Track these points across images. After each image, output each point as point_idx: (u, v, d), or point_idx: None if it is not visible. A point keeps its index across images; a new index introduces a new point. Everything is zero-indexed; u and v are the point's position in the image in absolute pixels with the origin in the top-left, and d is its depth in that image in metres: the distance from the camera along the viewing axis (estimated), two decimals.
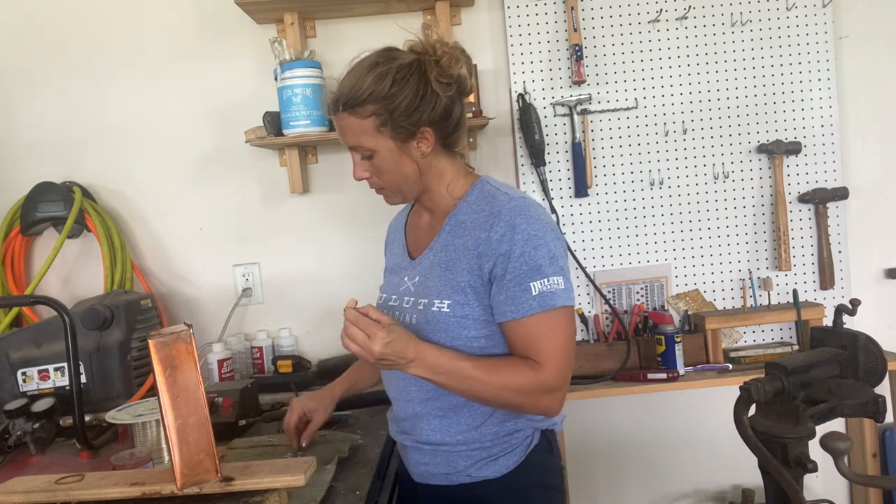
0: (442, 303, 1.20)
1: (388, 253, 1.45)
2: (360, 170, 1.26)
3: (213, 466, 1.08)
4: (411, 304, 1.25)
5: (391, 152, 1.21)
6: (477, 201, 1.25)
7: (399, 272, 1.34)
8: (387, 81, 1.18)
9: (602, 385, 1.98)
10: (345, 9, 2.08)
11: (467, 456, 1.24)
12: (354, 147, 1.23)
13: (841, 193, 2.15)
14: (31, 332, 1.77)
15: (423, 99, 1.19)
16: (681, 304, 2.19)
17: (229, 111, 2.15)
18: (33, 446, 1.49)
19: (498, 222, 1.17)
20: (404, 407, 1.30)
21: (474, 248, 1.19)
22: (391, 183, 1.26)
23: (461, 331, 1.19)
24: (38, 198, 2.06)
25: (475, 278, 1.19)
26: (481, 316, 1.20)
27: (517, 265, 1.15)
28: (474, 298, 1.19)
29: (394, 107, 1.18)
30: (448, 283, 1.21)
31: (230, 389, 1.56)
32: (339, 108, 1.21)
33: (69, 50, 2.14)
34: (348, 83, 1.20)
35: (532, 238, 1.16)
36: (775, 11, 2.13)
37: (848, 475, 1.06)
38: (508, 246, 1.15)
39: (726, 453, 2.22)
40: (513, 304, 1.16)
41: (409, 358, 1.11)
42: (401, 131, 1.19)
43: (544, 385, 1.15)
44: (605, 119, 2.15)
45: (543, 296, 1.14)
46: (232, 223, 2.19)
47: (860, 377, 1.19)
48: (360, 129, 1.20)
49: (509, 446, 1.24)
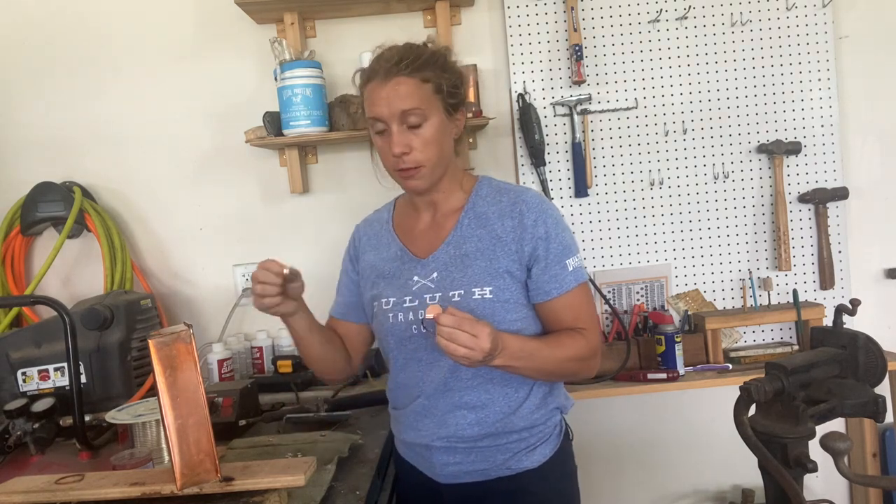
0: (483, 290, 1.23)
1: (371, 260, 1.38)
2: (401, 141, 1.22)
3: (213, 466, 1.08)
4: (438, 299, 1.24)
5: (440, 122, 1.24)
6: (490, 195, 1.31)
7: (401, 275, 1.31)
8: (440, 54, 1.26)
9: (602, 385, 1.98)
10: (345, 9, 2.08)
11: (506, 449, 1.27)
12: (410, 111, 1.20)
13: (841, 193, 2.15)
14: (31, 332, 1.76)
15: (462, 80, 1.29)
16: (681, 304, 2.19)
17: (229, 111, 2.15)
18: (33, 446, 1.49)
19: (527, 210, 1.25)
20: (433, 406, 1.27)
21: (509, 234, 1.25)
22: (432, 157, 1.24)
23: (505, 314, 1.23)
24: (38, 198, 2.06)
25: (513, 263, 1.24)
26: (520, 299, 1.26)
27: (555, 246, 1.24)
28: (512, 283, 1.24)
29: (448, 77, 1.24)
30: (485, 270, 1.24)
31: (230, 389, 1.56)
32: (399, 71, 1.20)
33: (69, 50, 2.14)
34: (403, 49, 1.24)
35: (559, 221, 1.27)
36: (775, 11, 2.13)
37: (848, 475, 1.06)
38: (545, 228, 1.24)
39: (726, 453, 2.22)
40: (556, 281, 1.24)
41: (500, 349, 1.13)
42: (451, 103, 1.25)
43: (595, 348, 1.27)
44: (605, 119, 2.15)
45: (577, 271, 1.26)
46: (232, 223, 2.19)
47: (860, 377, 1.19)
48: (420, 92, 1.21)
49: (544, 434, 1.30)
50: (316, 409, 1.64)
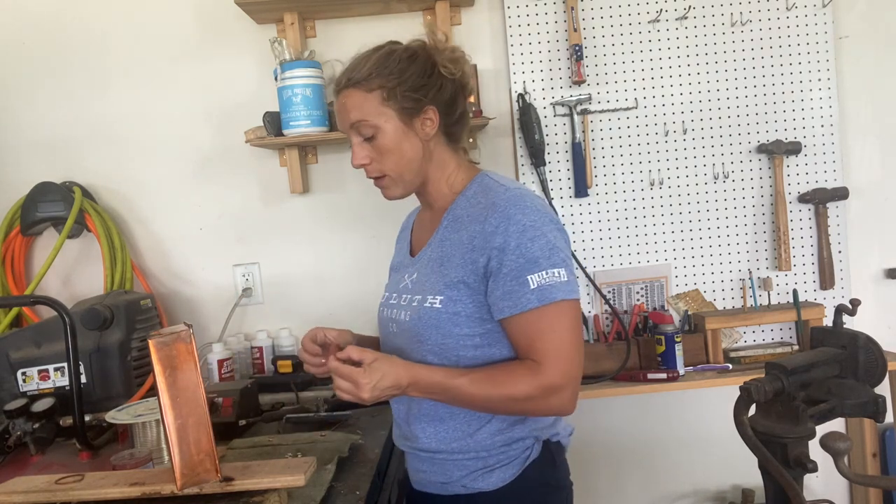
0: (434, 298, 1.17)
1: (395, 252, 1.45)
2: (360, 154, 1.21)
3: (213, 466, 1.08)
4: (407, 302, 1.23)
5: (395, 131, 1.18)
6: (475, 195, 1.21)
7: (401, 270, 1.34)
8: (394, 58, 1.18)
9: (602, 385, 1.98)
10: (345, 9, 2.08)
11: (462, 465, 1.20)
12: (357, 124, 1.19)
13: (841, 193, 2.15)
14: (31, 332, 1.76)
15: (430, 77, 1.19)
16: (681, 304, 2.19)
17: (229, 111, 2.15)
18: (33, 446, 1.49)
19: (492, 214, 1.13)
20: (398, 411, 1.29)
21: (469, 242, 1.15)
22: (393, 166, 1.20)
23: (452, 328, 1.16)
24: (38, 198, 2.06)
25: (468, 273, 1.14)
26: (475, 313, 1.15)
27: (513, 258, 1.10)
28: (467, 295, 1.15)
29: (400, 80, 1.16)
30: (441, 279, 1.17)
31: (230, 389, 1.56)
32: (344, 84, 1.19)
33: (69, 50, 2.14)
34: (354, 62, 1.21)
35: (528, 229, 1.10)
36: (775, 11, 2.13)
37: (848, 475, 1.06)
38: (503, 238, 1.10)
39: (726, 453, 2.22)
40: (510, 298, 1.10)
41: (405, 385, 1.10)
42: (406, 107, 1.17)
43: (548, 386, 1.09)
44: (605, 119, 2.15)
45: (542, 289, 1.09)
46: (232, 223, 2.19)
47: (860, 377, 1.19)
48: (366, 103, 1.17)
49: (506, 458, 1.19)
50: (316, 409, 1.65)
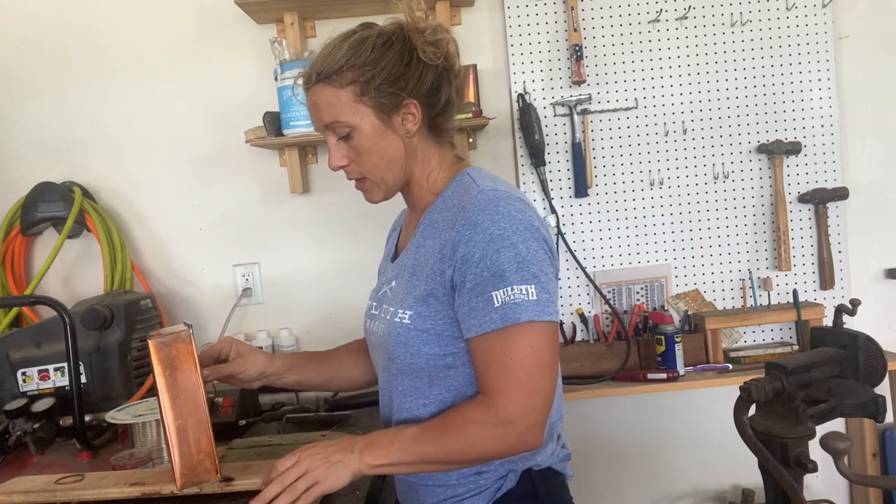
0: (404, 314, 1.06)
1: (384, 252, 1.35)
2: (337, 154, 1.09)
3: (213, 466, 1.08)
4: (383, 313, 1.13)
5: (373, 128, 1.06)
6: (451, 196, 1.09)
7: (382, 276, 1.25)
8: (366, 46, 1.05)
9: (602, 385, 1.98)
10: (345, 9, 2.08)
11: (433, 493, 1.11)
12: (331, 124, 1.07)
13: (841, 193, 2.15)
14: (31, 332, 1.77)
15: (409, 66, 1.05)
16: (681, 304, 2.19)
17: (229, 111, 2.14)
18: (33, 446, 1.49)
19: (460, 219, 1.01)
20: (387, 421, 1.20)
21: (439, 251, 1.04)
22: (373, 168, 1.09)
23: (421, 347, 1.05)
24: (38, 198, 2.06)
25: (437, 286, 1.03)
26: (445, 331, 1.04)
27: (477, 271, 0.98)
28: (437, 310, 1.04)
29: (375, 73, 1.03)
30: (411, 291, 1.07)
31: (230, 389, 1.56)
32: (313, 81, 1.06)
33: (69, 50, 2.14)
34: (323, 52, 1.08)
35: (495, 238, 0.98)
36: (775, 11, 2.13)
37: (848, 475, 1.06)
38: (466, 248, 0.99)
39: (726, 453, 2.22)
40: (475, 317, 0.99)
41: (356, 455, 1.00)
42: (384, 102, 1.05)
43: (505, 421, 0.97)
44: (605, 119, 2.15)
45: (506, 308, 0.96)
46: (232, 223, 2.19)
47: (860, 377, 1.19)
48: (338, 101, 1.05)
49: (476, 487, 1.08)
50: (316, 409, 1.65)
